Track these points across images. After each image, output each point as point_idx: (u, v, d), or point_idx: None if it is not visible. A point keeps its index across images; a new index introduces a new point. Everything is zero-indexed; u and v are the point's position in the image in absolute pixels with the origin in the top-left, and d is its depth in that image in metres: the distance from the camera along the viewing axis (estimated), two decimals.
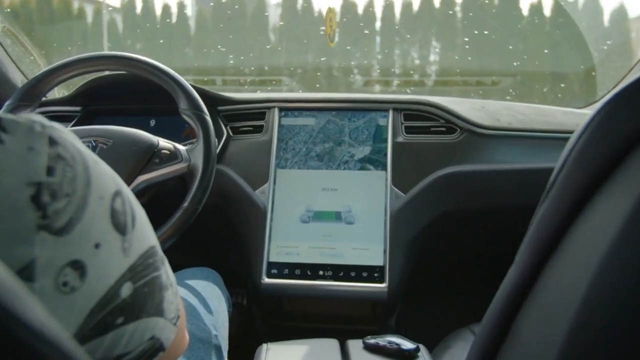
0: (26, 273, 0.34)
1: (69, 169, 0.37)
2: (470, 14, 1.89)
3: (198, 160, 1.04)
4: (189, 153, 1.05)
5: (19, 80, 1.36)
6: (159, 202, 1.06)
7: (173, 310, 0.46)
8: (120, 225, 0.40)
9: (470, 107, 1.31)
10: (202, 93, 1.24)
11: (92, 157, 0.40)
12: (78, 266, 0.36)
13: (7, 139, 0.35)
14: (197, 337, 0.87)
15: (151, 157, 1.03)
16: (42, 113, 1.31)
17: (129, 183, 1.01)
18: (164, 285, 0.44)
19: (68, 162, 0.37)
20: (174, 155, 1.04)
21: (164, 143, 1.05)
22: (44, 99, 1.33)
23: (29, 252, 0.34)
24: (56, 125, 0.39)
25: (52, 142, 0.37)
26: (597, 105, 0.43)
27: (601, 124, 0.42)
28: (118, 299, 0.39)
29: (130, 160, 1.02)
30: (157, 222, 1.01)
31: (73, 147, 0.39)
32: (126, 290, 0.39)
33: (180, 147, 1.06)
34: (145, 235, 0.43)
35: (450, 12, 1.96)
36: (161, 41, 2.03)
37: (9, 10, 1.38)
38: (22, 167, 0.35)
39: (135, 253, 0.41)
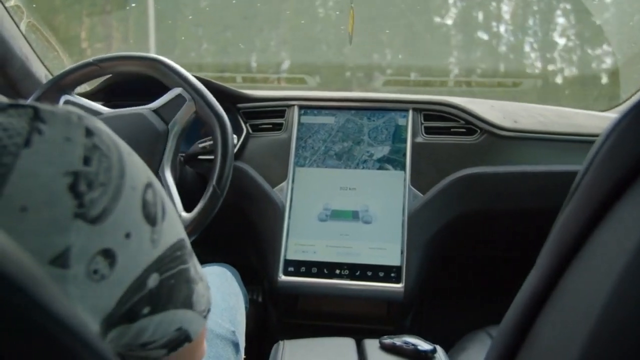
0: (61, 260, 0.34)
1: (104, 159, 0.38)
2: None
3: (216, 157, 1.05)
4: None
5: (42, 75, 1.37)
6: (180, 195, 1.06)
7: (204, 303, 0.46)
8: (150, 216, 0.40)
9: (490, 109, 1.30)
10: (222, 90, 1.24)
11: (126, 148, 0.41)
12: (109, 255, 0.37)
13: (45, 129, 0.36)
14: (214, 333, 0.87)
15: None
16: None
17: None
18: (193, 279, 0.45)
19: (104, 153, 0.38)
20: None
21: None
22: None
23: (65, 240, 0.35)
24: (92, 116, 0.40)
25: (89, 132, 0.38)
26: (623, 109, 0.43)
27: (628, 128, 0.41)
28: (145, 290, 0.39)
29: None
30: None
31: (108, 137, 0.39)
32: (153, 281, 0.40)
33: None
34: (174, 228, 0.43)
35: (474, 14, 1.95)
36: (183, 39, 2.04)
37: (35, 5, 1.40)
38: (59, 156, 0.36)
39: (163, 245, 0.41)
